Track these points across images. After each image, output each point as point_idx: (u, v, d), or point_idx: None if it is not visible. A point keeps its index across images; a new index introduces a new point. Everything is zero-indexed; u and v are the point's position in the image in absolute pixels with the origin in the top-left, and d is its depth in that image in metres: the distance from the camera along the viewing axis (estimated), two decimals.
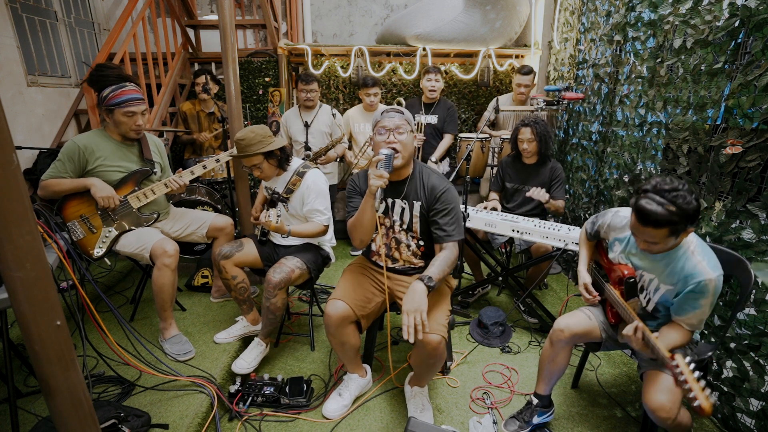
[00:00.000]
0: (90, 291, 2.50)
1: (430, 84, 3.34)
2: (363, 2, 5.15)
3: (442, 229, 1.66)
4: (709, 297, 1.33)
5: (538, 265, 2.49)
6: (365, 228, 1.66)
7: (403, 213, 1.74)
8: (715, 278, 1.32)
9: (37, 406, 1.68)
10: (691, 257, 1.37)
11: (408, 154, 1.66)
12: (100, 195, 1.96)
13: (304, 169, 2.11)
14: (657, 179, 1.32)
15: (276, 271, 1.95)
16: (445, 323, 1.63)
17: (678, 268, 1.39)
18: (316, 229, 2.07)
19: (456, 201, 1.70)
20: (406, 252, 1.80)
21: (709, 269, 1.33)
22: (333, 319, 1.69)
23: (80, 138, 2.01)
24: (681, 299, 1.39)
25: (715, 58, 1.77)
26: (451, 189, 1.70)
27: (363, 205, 1.62)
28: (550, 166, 2.61)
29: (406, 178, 1.72)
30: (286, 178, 2.12)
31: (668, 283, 1.43)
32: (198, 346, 2.14)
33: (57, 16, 3.64)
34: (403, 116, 1.65)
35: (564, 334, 1.62)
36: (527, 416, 1.73)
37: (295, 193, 2.09)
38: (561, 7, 3.39)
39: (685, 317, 1.39)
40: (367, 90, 3.24)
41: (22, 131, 3.19)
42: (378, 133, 1.65)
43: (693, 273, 1.34)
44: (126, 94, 1.99)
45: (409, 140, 1.65)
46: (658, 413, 1.33)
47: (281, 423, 1.79)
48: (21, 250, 0.85)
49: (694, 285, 1.33)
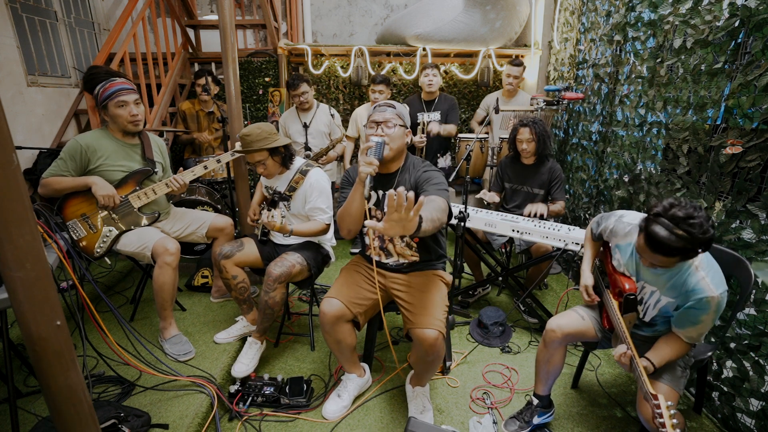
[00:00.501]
0: (90, 291, 2.50)
1: (427, 80, 3.33)
2: (363, 2, 5.15)
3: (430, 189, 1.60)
4: (710, 313, 1.31)
5: (538, 265, 2.49)
6: (353, 216, 1.66)
7: None
8: (718, 296, 1.28)
9: (37, 406, 1.68)
10: (695, 273, 1.33)
11: (397, 147, 1.66)
12: (101, 194, 1.96)
13: (306, 167, 2.12)
14: (671, 202, 1.25)
15: (277, 264, 1.96)
16: (443, 318, 1.63)
17: (680, 282, 1.36)
18: (318, 227, 2.07)
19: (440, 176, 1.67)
20: (400, 244, 1.80)
21: (713, 286, 1.29)
22: (328, 317, 1.70)
23: (83, 137, 2.01)
24: (681, 313, 1.38)
25: (715, 58, 1.77)
26: (436, 170, 1.70)
27: (352, 193, 1.63)
28: (549, 166, 2.61)
29: (397, 170, 1.73)
30: (288, 177, 2.12)
31: (670, 296, 1.41)
32: (198, 346, 2.14)
33: (57, 16, 3.64)
34: (394, 110, 1.66)
35: (556, 334, 1.62)
36: (527, 416, 1.73)
37: (298, 192, 2.10)
38: (561, 7, 3.39)
39: (684, 330, 1.39)
40: (374, 86, 3.23)
41: (22, 131, 3.19)
42: (369, 126, 1.68)
43: (695, 289, 1.31)
44: (114, 86, 1.98)
45: (398, 134, 1.66)
46: (651, 423, 1.32)
47: (281, 423, 1.79)
48: (21, 250, 0.85)
49: (695, 301, 1.31)
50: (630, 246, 1.52)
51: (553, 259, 2.33)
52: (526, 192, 2.68)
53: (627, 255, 1.54)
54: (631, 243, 1.51)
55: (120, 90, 1.98)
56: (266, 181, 2.23)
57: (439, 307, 1.66)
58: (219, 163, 2.30)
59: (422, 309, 1.63)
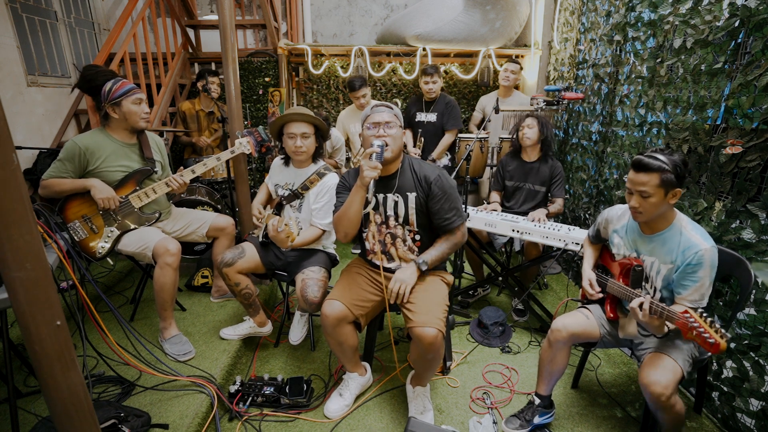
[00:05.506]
0: (90, 291, 2.50)
1: (427, 87, 3.36)
2: (363, 2, 5.15)
3: (443, 218, 1.71)
4: (706, 268, 1.38)
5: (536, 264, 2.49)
6: (351, 220, 1.67)
7: (397, 206, 1.75)
8: (709, 248, 1.39)
9: (37, 406, 1.67)
10: (684, 232, 1.46)
11: (397, 148, 1.69)
12: (99, 196, 1.96)
13: (325, 170, 2.12)
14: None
15: (309, 288, 1.91)
16: (442, 317, 1.63)
17: (675, 244, 1.46)
18: (315, 235, 2.06)
19: (451, 185, 1.73)
20: (402, 247, 1.80)
21: (703, 240, 1.41)
22: (330, 319, 1.69)
23: (81, 138, 2.01)
24: (679, 275, 1.43)
25: (715, 58, 1.77)
26: (444, 174, 1.73)
27: (352, 196, 1.64)
28: (550, 164, 2.62)
29: (395, 171, 1.74)
30: (306, 174, 2.11)
31: (668, 262, 1.48)
32: (198, 346, 2.14)
33: (57, 16, 3.64)
34: (392, 111, 1.69)
35: (562, 333, 1.63)
36: (528, 415, 1.74)
37: (310, 192, 2.09)
38: (561, 7, 3.39)
39: (686, 294, 1.42)
40: (355, 93, 3.24)
41: (22, 131, 3.19)
42: (367, 128, 1.69)
43: (689, 246, 1.42)
44: (127, 84, 2.03)
45: (398, 134, 1.68)
46: (651, 387, 1.35)
47: (281, 423, 1.79)
48: (21, 250, 0.85)
49: (691, 257, 1.40)
50: (625, 225, 1.65)
51: (553, 259, 2.33)
52: (528, 189, 2.68)
53: (624, 233, 1.65)
54: (625, 223, 1.65)
55: (134, 88, 2.04)
56: (279, 175, 2.21)
57: (440, 307, 1.66)
58: (219, 161, 2.29)
59: (422, 308, 1.63)
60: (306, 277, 1.96)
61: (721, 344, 1.19)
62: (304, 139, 2.01)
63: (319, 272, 2.00)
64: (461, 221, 1.75)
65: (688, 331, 1.25)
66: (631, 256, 1.61)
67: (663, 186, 1.39)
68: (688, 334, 1.26)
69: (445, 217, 1.71)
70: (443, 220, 1.71)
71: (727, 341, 1.20)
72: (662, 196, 1.41)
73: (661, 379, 1.36)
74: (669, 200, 1.42)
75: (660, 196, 1.41)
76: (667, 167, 1.38)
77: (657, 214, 1.47)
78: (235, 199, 2.88)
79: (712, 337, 1.20)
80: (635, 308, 1.39)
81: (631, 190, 1.47)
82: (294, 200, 2.13)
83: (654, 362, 1.42)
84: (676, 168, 1.38)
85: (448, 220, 1.71)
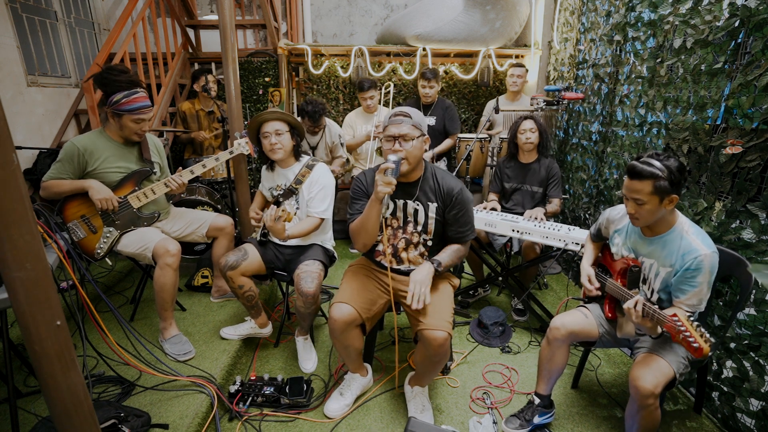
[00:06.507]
0: (90, 291, 2.50)
1: (424, 90, 3.37)
2: (363, 2, 5.15)
3: (458, 231, 1.73)
4: (705, 274, 1.36)
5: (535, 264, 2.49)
6: (369, 233, 1.67)
7: (417, 214, 1.75)
8: (710, 254, 1.36)
9: (37, 406, 1.67)
10: (685, 236, 1.43)
11: (414, 160, 1.64)
12: (97, 197, 1.96)
13: (312, 162, 2.15)
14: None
15: (304, 280, 1.92)
16: (451, 320, 1.63)
17: (675, 248, 1.44)
18: (313, 225, 2.07)
19: (470, 199, 1.75)
20: (413, 252, 1.80)
21: (704, 246, 1.38)
22: (339, 323, 1.66)
23: (79, 139, 2.01)
24: (678, 278, 1.42)
25: (715, 58, 1.77)
26: (465, 189, 1.73)
27: (368, 210, 1.62)
28: (546, 164, 2.62)
29: (417, 179, 1.73)
30: (296, 170, 2.14)
31: (667, 265, 1.47)
32: (198, 346, 2.14)
33: (57, 16, 3.64)
34: (410, 120, 1.61)
35: (560, 332, 1.64)
36: (528, 415, 1.74)
37: (304, 185, 2.12)
38: (561, 7, 3.39)
39: (684, 298, 1.41)
40: (364, 94, 3.27)
41: (22, 131, 3.19)
42: (385, 140, 1.65)
43: (689, 250, 1.40)
44: (138, 102, 1.99)
45: (417, 145, 1.62)
46: (638, 383, 1.36)
47: (281, 423, 1.79)
48: (21, 250, 0.85)
49: (690, 262, 1.38)
50: (626, 225, 1.64)
51: (553, 259, 2.33)
52: (526, 191, 2.69)
53: (624, 234, 1.65)
54: (627, 224, 1.63)
55: (143, 108, 2.00)
56: (269, 181, 2.23)
57: (448, 309, 1.67)
58: (218, 162, 2.29)
59: (432, 311, 1.62)
60: (301, 270, 1.98)
61: (704, 348, 1.20)
62: (278, 136, 2.04)
63: (314, 265, 2.01)
64: (473, 236, 1.78)
65: (676, 334, 1.26)
66: (629, 257, 1.61)
67: (657, 193, 1.37)
68: (676, 337, 1.26)
69: (460, 230, 1.72)
70: (458, 232, 1.73)
71: (711, 346, 1.22)
72: (657, 204, 1.39)
73: (651, 378, 1.36)
74: (665, 206, 1.40)
75: (654, 203, 1.39)
76: (660, 174, 1.35)
77: (655, 219, 1.45)
78: (235, 199, 2.88)
79: (696, 341, 1.21)
80: (629, 309, 1.39)
81: (627, 197, 1.46)
82: (290, 196, 2.14)
83: (646, 361, 1.43)
84: (671, 174, 1.35)
85: (462, 233, 1.73)
